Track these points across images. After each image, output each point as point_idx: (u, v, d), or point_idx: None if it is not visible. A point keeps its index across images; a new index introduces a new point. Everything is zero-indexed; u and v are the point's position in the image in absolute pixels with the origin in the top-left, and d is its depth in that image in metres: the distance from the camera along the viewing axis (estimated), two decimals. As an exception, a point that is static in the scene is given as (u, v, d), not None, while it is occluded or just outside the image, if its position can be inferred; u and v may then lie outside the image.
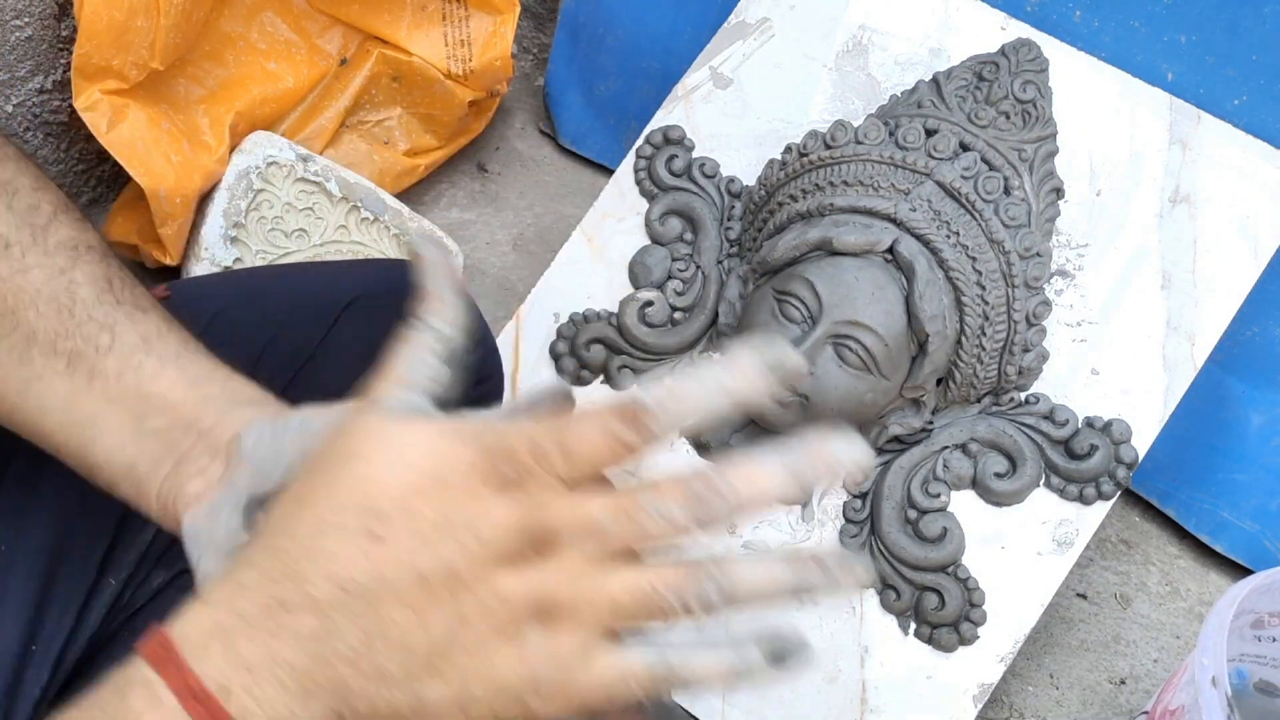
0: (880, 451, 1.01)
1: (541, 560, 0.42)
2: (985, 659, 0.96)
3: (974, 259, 0.96)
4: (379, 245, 1.26)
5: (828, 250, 0.96)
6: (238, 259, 1.20)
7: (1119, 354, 0.99)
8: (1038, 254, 0.97)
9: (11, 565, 0.69)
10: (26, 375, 0.58)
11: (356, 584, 0.41)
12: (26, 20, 1.18)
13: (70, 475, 0.70)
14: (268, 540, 0.44)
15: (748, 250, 1.07)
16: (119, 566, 0.72)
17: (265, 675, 0.42)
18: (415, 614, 0.41)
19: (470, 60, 1.32)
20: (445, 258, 0.52)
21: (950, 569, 0.97)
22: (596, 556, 0.43)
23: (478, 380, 0.73)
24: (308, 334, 0.78)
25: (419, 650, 0.42)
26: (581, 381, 1.09)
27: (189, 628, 0.43)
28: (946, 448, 0.99)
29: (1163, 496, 1.19)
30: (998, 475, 0.98)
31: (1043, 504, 0.98)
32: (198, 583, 0.52)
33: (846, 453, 0.43)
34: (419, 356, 0.47)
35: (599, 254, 1.12)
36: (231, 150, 1.22)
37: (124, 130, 1.12)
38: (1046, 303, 0.99)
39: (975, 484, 0.98)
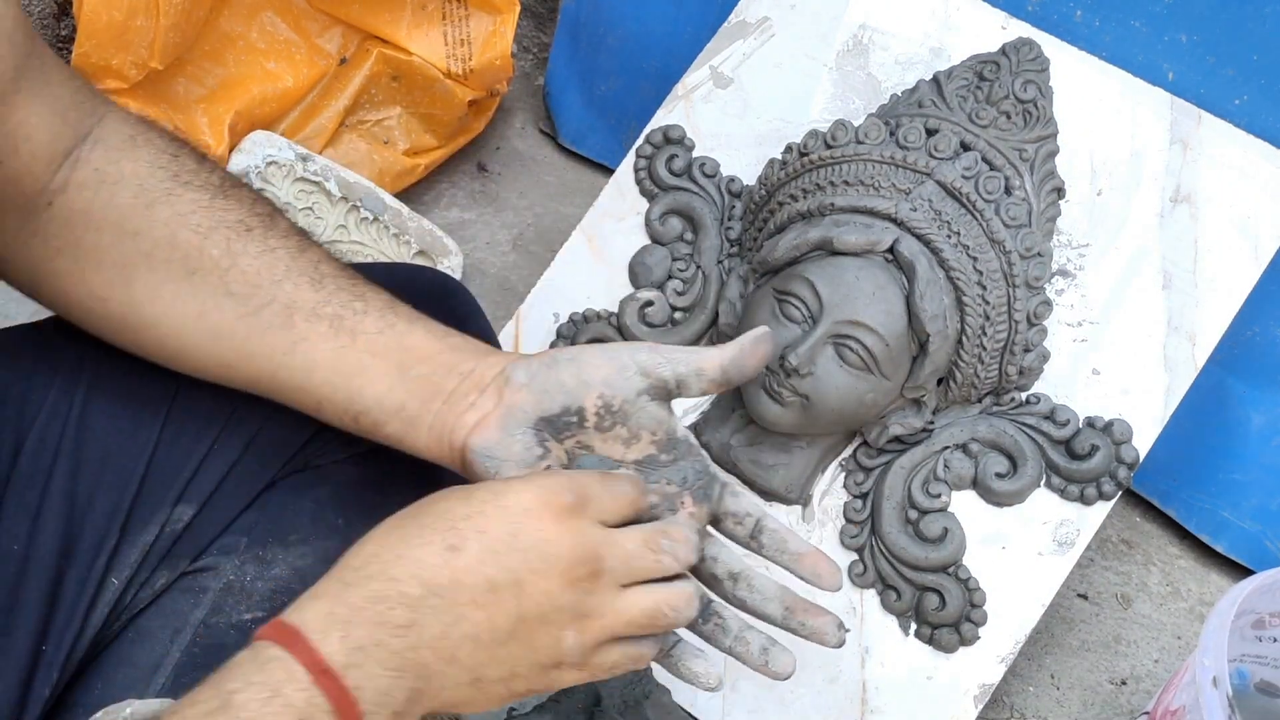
0: (881, 451, 1.01)
1: (589, 580, 0.57)
2: (986, 659, 0.96)
3: (975, 259, 0.96)
4: (379, 245, 1.26)
5: (828, 250, 0.96)
6: (237, 259, 1.19)
7: (1119, 354, 0.99)
8: (1039, 254, 0.97)
9: (26, 565, 0.69)
10: (293, 338, 0.68)
11: (439, 586, 0.54)
12: (26, 20, 1.18)
13: (77, 474, 0.71)
14: (366, 548, 0.57)
15: (748, 250, 1.07)
16: (121, 566, 0.73)
17: (371, 656, 0.52)
18: (484, 612, 0.55)
19: (470, 60, 1.32)
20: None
21: (951, 569, 0.97)
22: (625, 581, 0.58)
23: None
24: None
25: (485, 640, 0.55)
26: (581, 381, 1.09)
27: (308, 616, 0.53)
28: (947, 448, 0.99)
29: (1163, 496, 1.19)
30: (998, 475, 0.98)
31: (1043, 504, 0.98)
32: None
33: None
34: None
35: (599, 254, 1.12)
36: (231, 150, 1.22)
37: (123, 130, 1.12)
38: (1047, 302, 0.98)
39: (976, 484, 0.98)
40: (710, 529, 0.68)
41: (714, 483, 0.67)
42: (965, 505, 0.98)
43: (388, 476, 0.78)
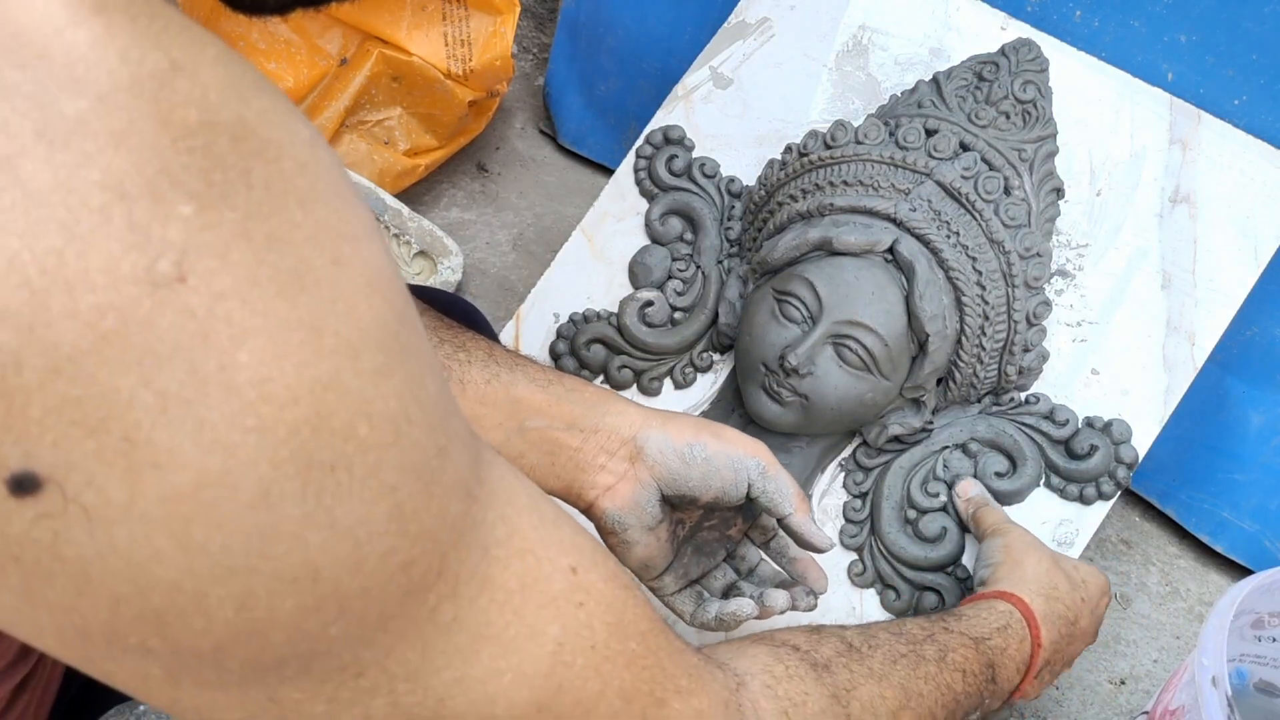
0: (880, 451, 1.01)
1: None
2: (985, 659, 0.96)
3: (974, 259, 0.96)
4: (379, 245, 1.26)
5: (828, 250, 0.96)
6: (238, 259, 1.20)
7: (1119, 354, 0.99)
8: (1038, 254, 0.97)
9: None
10: None
11: (1079, 622, 0.84)
12: (26, 20, 1.18)
13: None
14: (1048, 579, 0.84)
15: (748, 250, 1.07)
16: None
17: (1048, 649, 0.79)
18: (1077, 644, 0.86)
19: (470, 60, 1.32)
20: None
21: (949, 568, 0.97)
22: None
23: None
24: None
25: (1068, 660, 0.86)
26: (581, 381, 1.09)
27: (1036, 608, 0.80)
28: (946, 448, 0.99)
29: (1163, 496, 1.19)
30: (998, 475, 0.98)
31: (1043, 504, 0.98)
32: (626, 546, 0.77)
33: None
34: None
35: (599, 254, 1.12)
36: (231, 150, 1.22)
37: (124, 130, 1.12)
38: (1047, 303, 0.99)
39: (975, 480, 0.98)
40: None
41: (760, 508, 0.80)
42: (965, 505, 0.98)
43: None
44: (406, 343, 0.34)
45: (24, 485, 0.29)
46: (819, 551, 0.80)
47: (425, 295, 0.95)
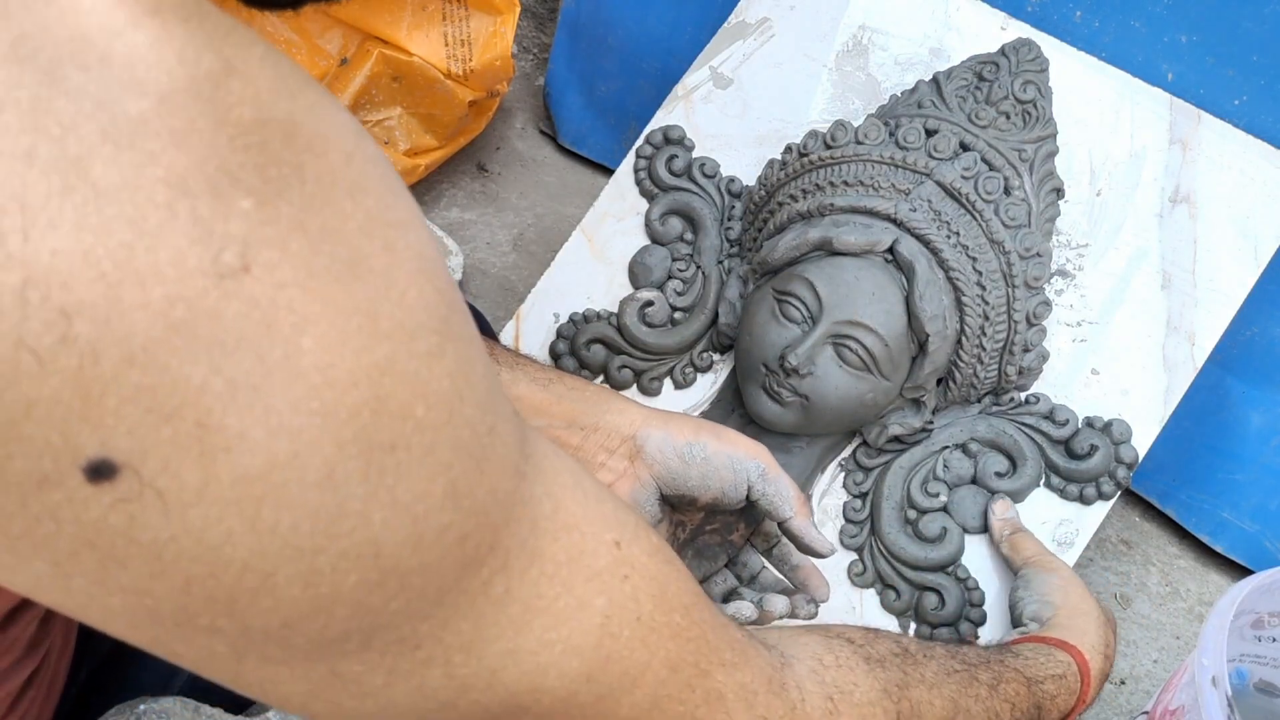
0: (880, 451, 1.01)
1: None
2: (985, 659, 0.96)
3: (974, 259, 0.96)
4: (379, 245, 1.26)
5: (828, 250, 0.96)
6: (238, 259, 1.20)
7: (1119, 354, 0.99)
8: (1038, 254, 0.97)
9: None
10: None
11: (1111, 655, 0.85)
12: (26, 20, 1.18)
13: None
14: (1093, 622, 0.85)
15: (748, 250, 1.07)
16: None
17: (1098, 671, 0.81)
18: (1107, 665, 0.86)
19: (470, 60, 1.32)
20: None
21: (950, 569, 0.97)
22: None
23: None
24: None
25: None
26: (581, 381, 1.09)
27: (1088, 655, 0.81)
28: (946, 447, 0.99)
29: (1163, 496, 1.19)
30: (998, 475, 0.98)
31: (1043, 504, 0.98)
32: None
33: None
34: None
35: (599, 254, 1.12)
36: (231, 150, 1.22)
37: (124, 130, 1.12)
38: (1047, 303, 0.99)
39: (975, 484, 0.98)
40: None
41: (760, 511, 0.80)
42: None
43: None
44: (455, 325, 0.36)
45: (101, 471, 0.30)
46: (819, 556, 0.80)
47: None
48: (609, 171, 1.24)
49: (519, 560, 0.40)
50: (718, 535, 0.83)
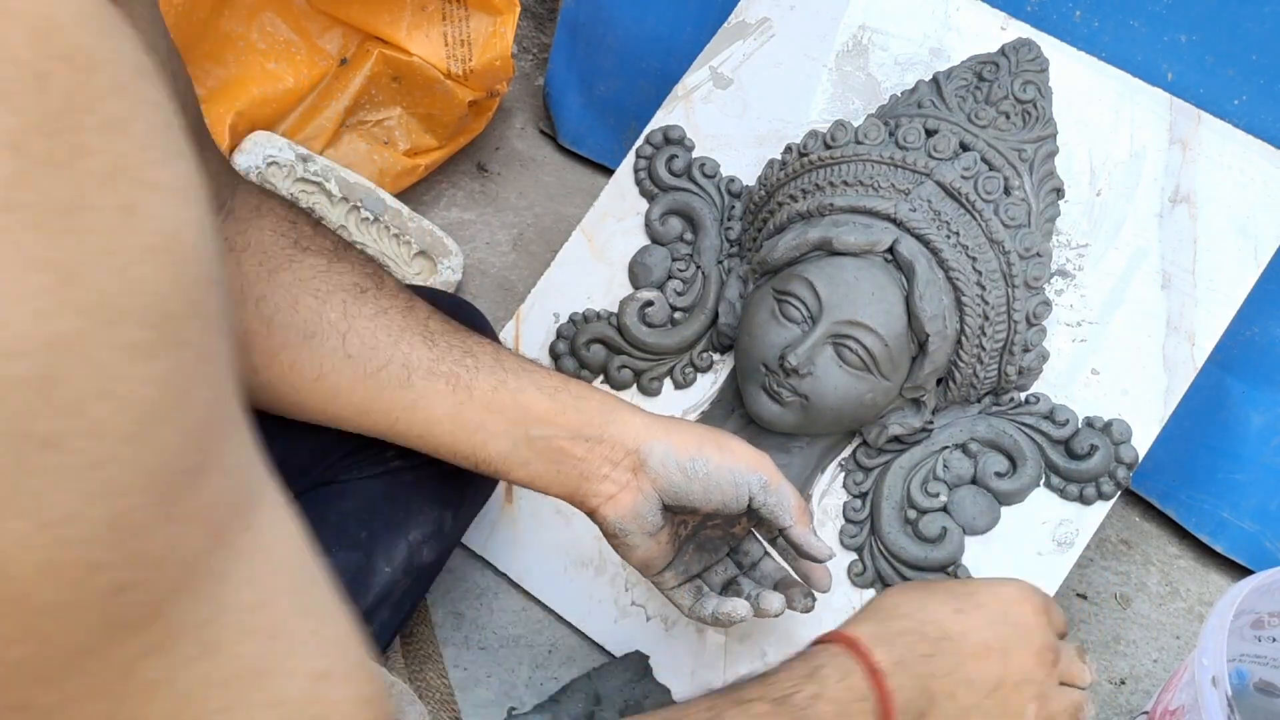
0: (880, 451, 1.01)
1: (1051, 665, 0.68)
2: (985, 659, 0.96)
3: (974, 259, 0.96)
4: (379, 245, 1.26)
5: (828, 250, 0.96)
6: (238, 259, 1.20)
7: (1119, 354, 0.99)
8: (1038, 254, 0.97)
9: None
10: (413, 396, 0.73)
11: (951, 633, 0.66)
12: (26, 20, 1.18)
13: None
14: (889, 599, 0.69)
15: (748, 250, 1.07)
16: None
17: (904, 670, 0.63)
18: (979, 664, 0.65)
19: (470, 60, 1.32)
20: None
21: (950, 569, 0.97)
22: (1063, 679, 0.70)
23: None
24: None
25: (977, 687, 0.65)
26: (581, 381, 1.09)
27: (860, 631, 0.65)
28: (946, 448, 0.99)
29: (1163, 496, 1.19)
30: (998, 475, 0.98)
31: (1043, 504, 0.98)
32: (628, 548, 0.78)
33: None
34: None
35: (599, 254, 1.12)
36: (231, 150, 1.22)
37: (124, 130, 1.12)
38: (1046, 303, 0.99)
39: (975, 484, 0.98)
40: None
41: (760, 517, 0.80)
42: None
43: (410, 492, 0.79)
44: (189, 333, 0.29)
45: None
46: (818, 561, 0.80)
47: (427, 298, 0.95)
48: (609, 171, 1.24)
49: (186, 646, 0.32)
50: (719, 529, 0.84)
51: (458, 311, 0.92)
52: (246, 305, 0.71)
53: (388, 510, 0.81)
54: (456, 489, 0.85)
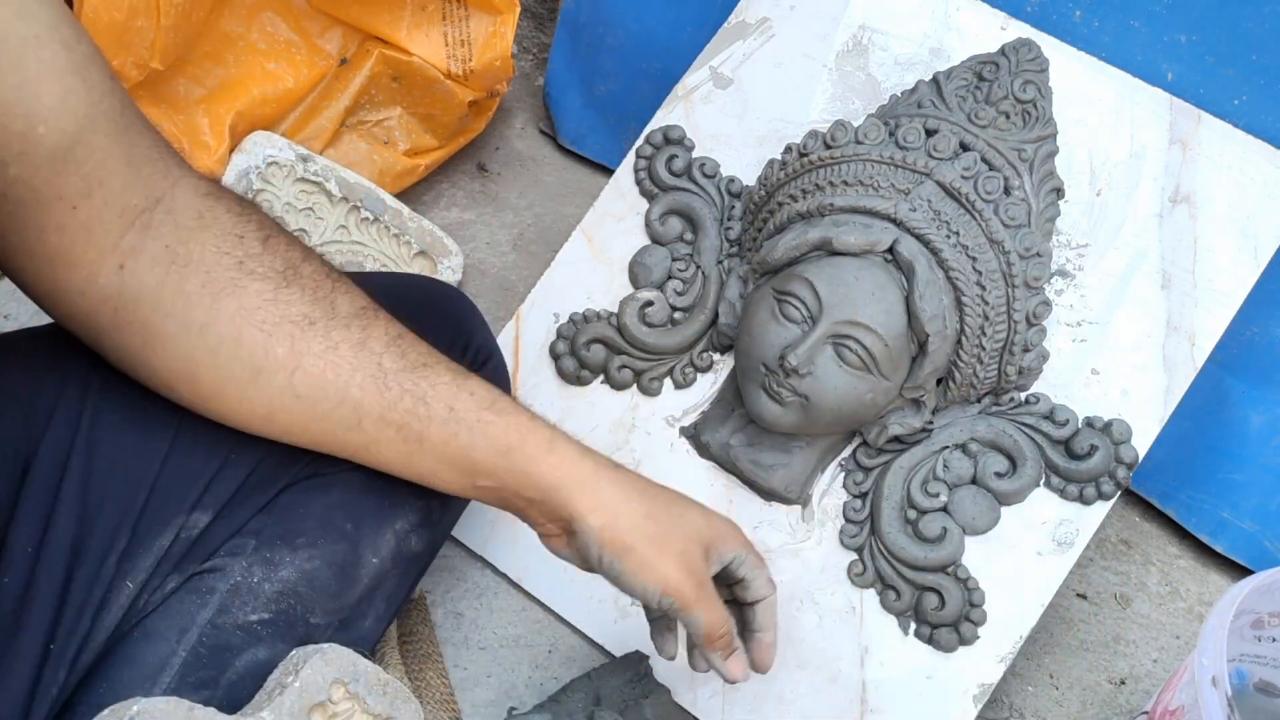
0: (880, 451, 1.01)
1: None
2: (985, 659, 0.96)
3: (974, 259, 0.96)
4: (379, 245, 1.26)
5: (828, 250, 0.96)
6: (238, 259, 1.19)
7: (1119, 354, 0.99)
8: (1038, 254, 0.97)
9: (38, 565, 0.70)
10: (364, 441, 0.74)
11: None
12: (26, 20, 1.18)
13: (88, 478, 0.71)
14: None
15: (748, 250, 1.07)
16: (135, 570, 0.73)
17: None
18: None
19: (470, 60, 1.32)
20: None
21: (950, 569, 0.97)
22: None
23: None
24: None
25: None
26: (581, 381, 1.09)
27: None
28: (946, 448, 0.99)
29: (1163, 496, 1.19)
30: (998, 475, 0.98)
31: (1043, 504, 0.98)
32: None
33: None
34: None
35: (599, 254, 1.12)
36: (231, 150, 1.22)
37: (124, 130, 1.12)
38: (1046, 303, 0.99)
39: (975, 484, 0.98)
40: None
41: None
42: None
43: (395, 481, 0.79)
44: None
45: None
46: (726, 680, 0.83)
47: (419, 285, 0.95)
48: (609, 171, 1.24)
49: None
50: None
51: (445, 303, 0.91)
52: (191, 331, 0.69)
53: (372, 501, 0.80)
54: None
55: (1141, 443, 0.97)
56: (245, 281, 0.70)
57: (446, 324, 0.88)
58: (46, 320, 0.74)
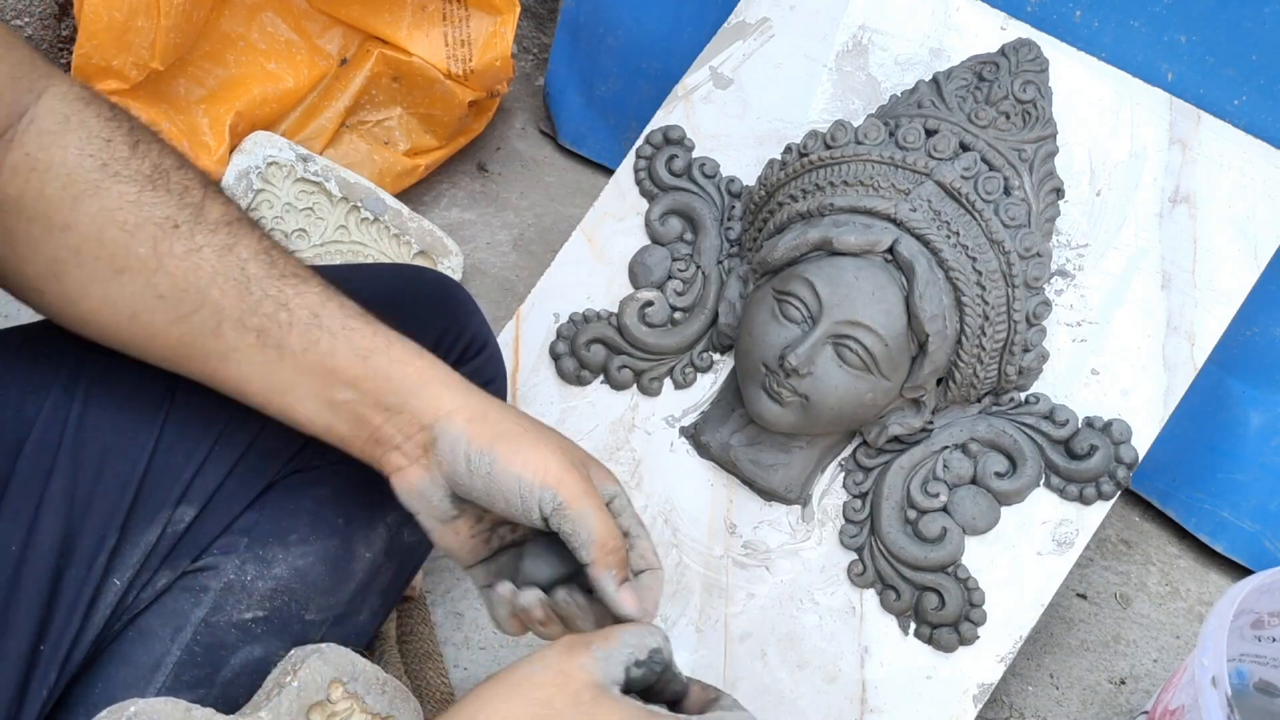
0: (880, 451, 1.01)
1: None
2: (985, 659, 0.96)
3: (974, 259, 0.96)
4: (379, 245, 1.26)
5: (828, 250, 0.96)
6: (238, 259, 1.19)
7: (1119, 354, 0.99)
8: (1038, 254, 0.97)
9: (23, 565, 0.69)
10: (224, 348, 0.69)
11: None
12: (27, 20, 1.19)
13: (76, 474, 0.71)
14: (470, 708, 0.59)
15: (748, 250, 1.07)
16: (123, 567, 0.73)
17: None
18: None
19: (470, 60, 1.32)
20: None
21: (950, 569, 0.97)
22: None
23: (482, 384, 0.74)
24: None
25: None
26: (581, 381, 1.09)
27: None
28: (946, 448, 0.99)
29: (1163, 496, 1.19)
30: (998, 475, 0.98)
31: (1043, 504, 0.98)
32: (424, 529, 0.71)
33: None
34: (629, 646, 0.63)
35: (599, 254, 1.12)
36: (231, 150, 1.22)
37: (124, 130, 1.12)
38: (1046, 303, 0.99)
39: (975, 484, 0.98)
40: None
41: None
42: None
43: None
44: None
45: None
46: (619, 616, 0.68)
47: (410, 274, 0.94)
48: (609, 171, 1.24)
49: None
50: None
51: (438, 291, 0.90)
52: (53, 232, 0.67)
53: (363, 494, 0.79)
54: None
55: (1141, 443, 0.97)
56: (108, 184, 0.68)
57: (439, 313, 0.86)
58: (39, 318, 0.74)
